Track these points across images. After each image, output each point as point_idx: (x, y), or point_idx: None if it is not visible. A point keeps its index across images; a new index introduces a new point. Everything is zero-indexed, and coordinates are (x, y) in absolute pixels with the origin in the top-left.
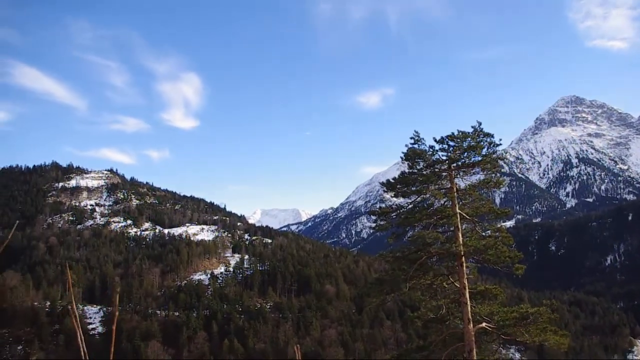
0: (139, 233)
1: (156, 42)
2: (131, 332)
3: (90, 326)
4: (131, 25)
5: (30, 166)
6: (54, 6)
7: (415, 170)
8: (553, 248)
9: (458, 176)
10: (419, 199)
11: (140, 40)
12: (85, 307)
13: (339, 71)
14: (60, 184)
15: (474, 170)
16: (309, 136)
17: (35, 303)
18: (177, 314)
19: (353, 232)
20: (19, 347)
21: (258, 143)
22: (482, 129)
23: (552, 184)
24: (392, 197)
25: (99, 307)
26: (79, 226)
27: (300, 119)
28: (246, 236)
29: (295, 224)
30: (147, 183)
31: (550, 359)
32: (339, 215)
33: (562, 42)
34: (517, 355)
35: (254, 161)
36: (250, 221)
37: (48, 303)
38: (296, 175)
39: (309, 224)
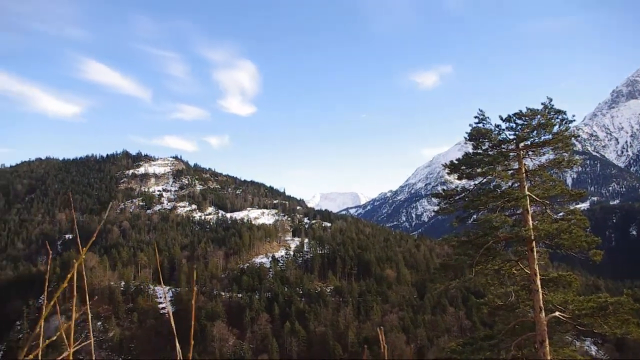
0: (203, 217)
1: (211, 32)
2: (197, 312)
3: (161, 305)
4: (187, 16)
5: (104, 155)
6: (117, 3)
7: (481, 151)
8: (634, 233)
9: (527, 156)
10: (484, 180)
11: (196, 30)
12: (155, 287)
13: (393, 52)
14: (131, 171)
15: (543, 150)
16: (365, 119)
17: (112, 283)
18: (240, 295)
19: (413, 216)
20: (98, 323)
21: (314, 127)
22: (552, 105)
23: (632, 162)
24: (455, 179)
25: (168, 287)
26: (148, 211)
27: (355, 101)
28: (305, 220)
29: (354, 207)
30: (209, 169)
31: (632, 355)
32: (399, 198)
33: None
34: (593, 348)
35: (311, 145)
36: (310, 205)
37: (122, 283)
38: (354, 159)
39: (368, 207)
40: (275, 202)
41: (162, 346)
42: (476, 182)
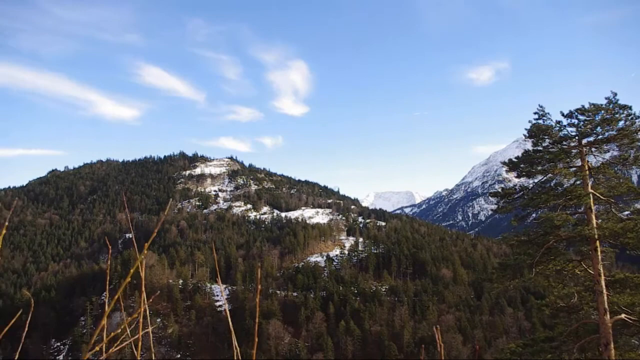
0: (258, 216)
1: (263, 33)
2: (253, 310)
3: (217, 303)
4: (241, 19)
5: (162, 156)
6: (172, 8)
7: (541, 148)
8: None
9: (590, 153)
10: (544, 178)
11: (248, 32)
12: (212, 286)
13: (446, 48)
14: (188, 172)
15: (607, 146)
16: (418, 116)
17: (170, 281)
18: (295, 294)
19: (470, 215)
20: (157, 319)
21: (367, 126)
22: (617, 100)
23: None
24: (514, 177)
25: (224, 285)
26: (204, 210)
27: (408, 99)
28: (360, 219)
29: (409, 206)
30: (264, 169)
31: None
32: (455, 197)
33: None
34: None
35: (365, 144)
36: (364, 204)
37: (181, 281)
38: (408, 158)
39: (423, 206)
40: (329, 201)
41: (218, 343)
42: (536, 180)
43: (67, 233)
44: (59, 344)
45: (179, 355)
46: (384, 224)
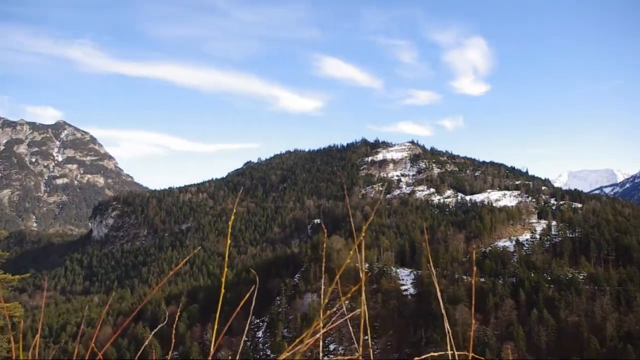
0: (441, 200)
1: (438, 13)
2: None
3: (403, 287)
4: (414, 1)
5: (344, 144)
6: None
7: None
8: None
9: None
10: None
11: (422, 14)
12: (398, 270)
13: None
14: (370, 158)
15: None
16: (619, 85)
17: (356, 264)
18: (482, 280)
19: None
20: (346, 302)
21: (557, 100)
22: None
23: None
24: None
25: (409, 270)
26: (388, 195)
27: (606, 66)
28: (552, 201)
29: (609, 186)
30: (446, 151)
31: None
32: None
33: None
34: None
35: (554, 120)
36: (556, 185)
37: (367, 265)
38: (608, 132)
39: (627, 185)
40: (517, 183)
41: (403, 326)
42: None
43: (262, 220)
44: (258, 320)
45: (366, 337)
46: (579, 205)
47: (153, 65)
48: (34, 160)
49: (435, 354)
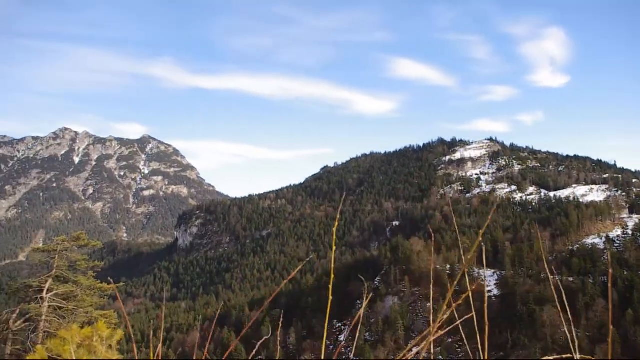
0: (523, 198)
1: (509, 6)
2: (525, 296)
3: (487, 288)
4: None
5: (420, 145)
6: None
7: None
8: None
9: None
10: None
11: (494, 8)
12: (480, 271)
13: None
14: (447, 158)
15: None
16: None
17: (437, 266)
18: (570, 279)
19: None
20: (427, 304)
21: None
22: None
23: None
24: None
25: (492, 270)
26: (467, 195)
27: None
28: None
29: None
30: (526, 147)
31: None
32: None
33: None
34: None
35: None
36: None
37: (448, 266)
38: None
39: None
40: (604, 176)
41: (489, 328)
42: None
43: (340, 224)
44: (340, 324)
45: (450, 340)
46: None
47: (228, 77)
48: (122, 174)
49: (551, 358)
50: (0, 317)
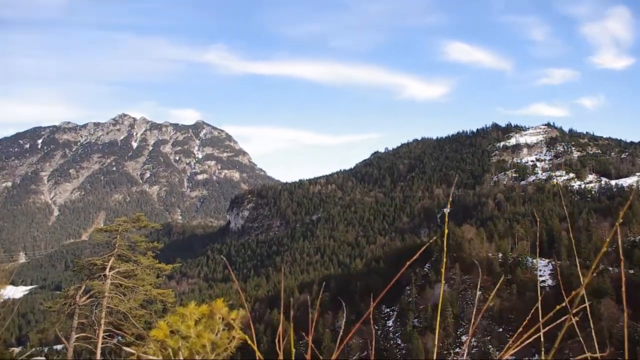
0: (582, 186)
1: None
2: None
3: (541, 278)
4: None
5: (474, 130)
6: None
7: None
8: None
9: None
10: None
11: None
12: (534, 260)
13: None
14: (502, 143)
15: None
16: None
17: (489, 254)
18: (632, 271)
19: None
20: (478, 292)
21: None
22: None
23: None
24: None
25: (547, 260)
26: (522, 182)
27: None
28: None
29: None
30: (586, 133)
31: None
32: None
33: None
34: None
35: None
36: None
37: (500, 254)
38: None
39: None
40: None
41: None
42: None
43: (390, 209)
44: (388, 309)
45: (500, 329)
46: None
47: (281, 64)
48: (177, 158)
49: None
50: (67, 292)
